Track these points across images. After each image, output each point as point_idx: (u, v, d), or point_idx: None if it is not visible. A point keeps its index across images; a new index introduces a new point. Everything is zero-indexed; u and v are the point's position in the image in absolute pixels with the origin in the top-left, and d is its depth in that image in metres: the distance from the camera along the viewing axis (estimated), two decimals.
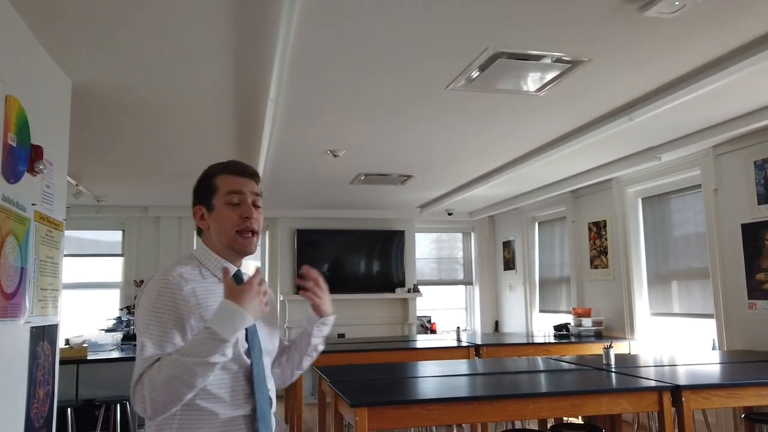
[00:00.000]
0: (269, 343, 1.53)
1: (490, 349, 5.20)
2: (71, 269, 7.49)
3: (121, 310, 7.31)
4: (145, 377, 1.28)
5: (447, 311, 8.68)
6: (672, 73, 3.15)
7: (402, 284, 7.98)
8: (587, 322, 5.99)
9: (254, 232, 1.47)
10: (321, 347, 1.67)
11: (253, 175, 1.52)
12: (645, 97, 3.49)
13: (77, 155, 4.66)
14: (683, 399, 2.78)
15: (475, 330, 8.57)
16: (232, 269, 1.48)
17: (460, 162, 5.17)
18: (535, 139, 4.46)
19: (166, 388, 1.25)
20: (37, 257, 2.47)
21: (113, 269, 7.65)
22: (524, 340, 5.84)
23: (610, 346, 3.62)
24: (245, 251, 1.48)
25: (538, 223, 7.70)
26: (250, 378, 1.40)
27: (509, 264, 8.26)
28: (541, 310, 7.61)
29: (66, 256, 7.33)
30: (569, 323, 6.36)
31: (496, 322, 8.57)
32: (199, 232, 1.53)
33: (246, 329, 1.39)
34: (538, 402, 2.68)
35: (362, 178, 5.71)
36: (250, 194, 1.47)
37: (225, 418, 1.35)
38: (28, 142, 2.37)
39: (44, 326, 2.56)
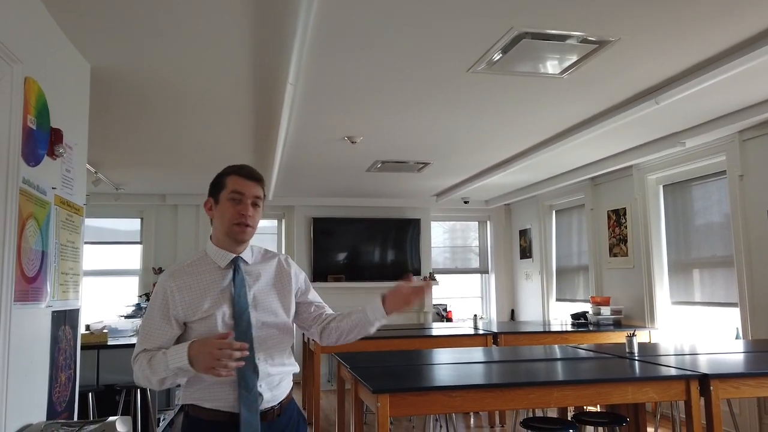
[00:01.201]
0: (273, 316, 1.75)
1: (508, 337, 5.15)
2: (91, 256, 7.56)
3: (140, 296, 7.37)
4: (136, 361, 1.67)
5: (462, 300, 8.65)
6: (701, 54, 3.06)
7: (418, 272, 7.95)
8: (606, 311, 5.92)
9: (248, 225, 1.72)
10: (373, 331, 1.93)
11: (258, 179, 1.77)
12: (672, 79, 3.40)
13: (96, 142, 4.67)
14: (711, 388, 2.71)
15: (491, 318, 8.52)
16: (230, 256, 1.73)
17: (478, 148, 5.11)
18: (557, 124, 4.38)
19: (141, 377, 1.66)
20: (57, 241, 2.47)
21: (132, 257, 7.71)
22: (542, 329, 5.78)
23: (633, 334, 3.55)
24: (239, 239, 1.73)
25: (556, 212, 7.61)
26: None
27: (526, 252, 8.19)
28: (557, 299, 7.54)
29: (86, 243, 7.42)
30: (587, 312, 6.29)
31: (512, 311, 8.51)
32: (212, 222, 1.80)
33: (235, 305, 1.68)
34: (562, 390, 2.63)
35: (379, 165, 5.66)
36: (250, 196, 1.73)
37: (211, 381, 1.64)
38: (48, 125, 2.36)
39: (65, 311, 2.56)
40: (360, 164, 5.64)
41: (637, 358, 3.38)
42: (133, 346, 4.20)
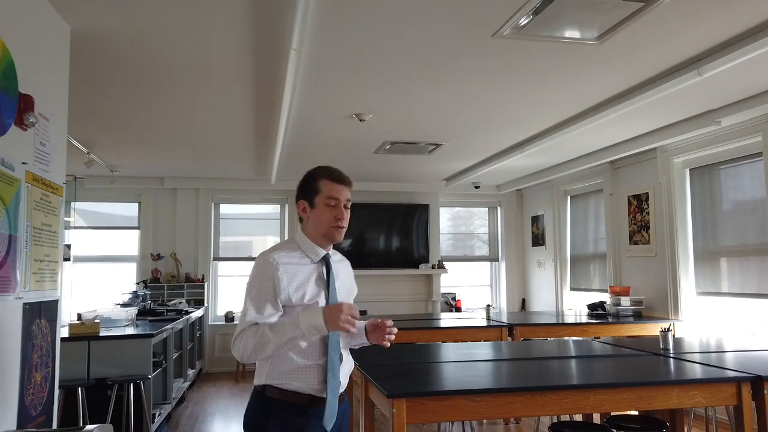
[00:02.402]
0: None
1: (524, 329, 4.86)
2: (86, 242, 7.30)
3: (138, 284, 7.10)
4: (244, 335, 1.75)
5: (471, 288, 8.36)
6: (751, 18, 2.72)
7: (426, 260, 7.66)
8: (626, 302, 5.62)
9: (344, 227, 1.89)
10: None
11: (350, 184, 1.92)
12: (717, 47, 3.06)
13: (85, 119, 4.37)
14: (766, 391, 2.42)
15: (501, 308, 8.24)
16: (321, 253, 1.88)
17: (495, 128, 4.78)
18: (587, 99, 4.02)
19: (253, 350, 1.74)
20: (29, 224, 2.17)
21: (130, 242, 7.43)
22: (558, 320, 5.50)
23: (668, 329, 3.26)
24: (335, 240, 1.90)
25: (571, 197, 7.29)
26: (325, 339, 1.79)
27: (538, 240, 7.88)
28: (572, 288, 7.24)
29: (80, 228, 7.12)
30: (605, 302, 6.00)
31: (523, 300, 8.23)
32: (300, 219, 1.93)
33: (329, 296, 1.83)
34: (599, 394, 2.34)
35: (387, 147, 5.34)
36: (344, 200, 1.88)
37: (302, 364, 1.77)
38: (15, 89, 2.05)
39: (41, 302, 2.27)
40: (368, 145, 5.32)
41: (673, 355, 3.09)
42: (128, 337, 3.80)
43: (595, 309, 5.94)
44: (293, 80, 3.26)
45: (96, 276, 7.28)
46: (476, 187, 7.63)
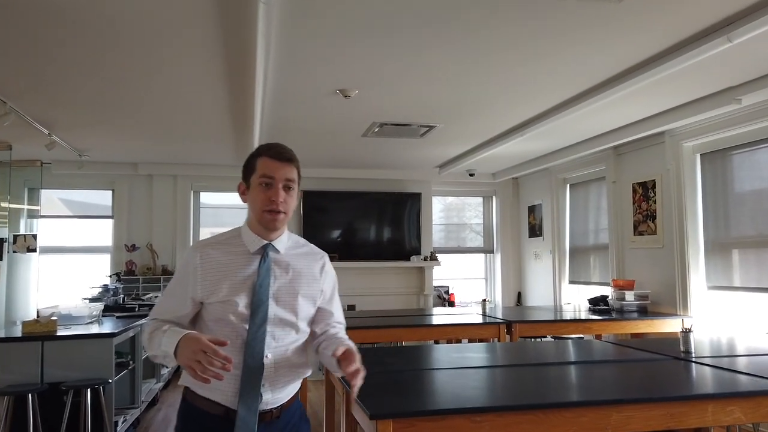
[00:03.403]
0: (292, 314, 1.65)
1: (524, 326, 4.49)
2: (56, 232, 6.85)
3: (110, 276, 6.67)
4: (146, 326, 1.64)
5: (464, 281, 7.98)
6: None
7: (418, 251, 7.27)
8: (630, 296, 5.27)
9: (280, 212, 1.61)
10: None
11: (289, 159, 1.65)
12: (753, 8, 2.67)
13: (38, 93, 3.92)
14: None
15: (496, 302, 7.88)
16: (261, 242, 1.64)
17: (494, 108, 4.38)
18: (599, 71, 3.61)
19: (147, 347, 1.60)
20: None
21: (103, 232, 6.99)
22: (557, 315, 5.14)
23: (689, 329, 2.89)
24: (269, 227, 1.63)
25: (570, 185, 6.92)
26: (244, 344, 1.57)
27: (535, 230, 7.52)
28: (570, 281, 6.89)
29: (49, 217, 6.67)
30: (607, 297, 5.65)
31: (519, 294, 7.88)
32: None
33: (254, 295, 1.59)
34: (623, 411, 1.96)
35: (377, 129, 4.93)
36: (281, 179, 1.62)
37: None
38: None
39: None
40: (355, 127, 4.91)
41: (697, 359, 2.72)
42: (86, 336, 3.40)
43: (597, 304, 5.60)
44: (265, 45, 2.84)
45: (66, 268, 6.84)
46: (471, 175, 7.25)
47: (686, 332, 2.87)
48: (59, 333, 3.89)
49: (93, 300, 5.57)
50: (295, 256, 1.70)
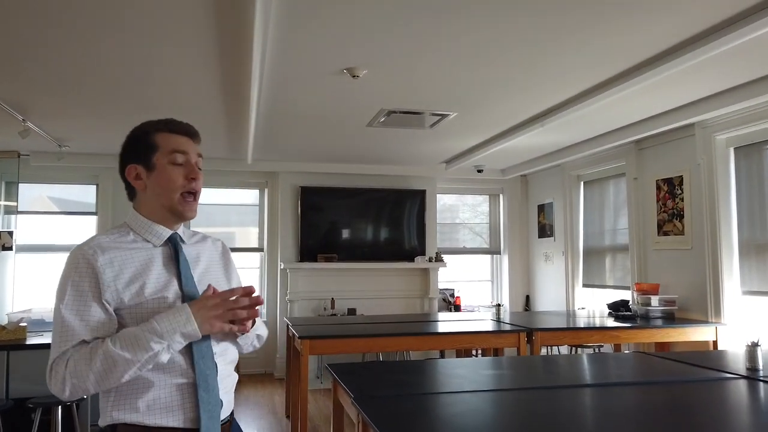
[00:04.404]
0: None
1: (545, 335, 4.09)
2: (34, 229, 6.39)
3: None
4: (66, 360, 1.27)
5: (468, 284, 7.57)
6: None
7: (422, 252, 6.86)
8: (655, 301, 4.88)
9: (196, 196, 1.44)
10: (261, 332, 1.59)
11: (195, 134, 1.47)
12: None
13: (8, 73, 3.48)
14: None
15: (504, 306, 7.48)
16: (165, 233, 1.44)
17: (516, 94, 3.97)
18: (629, 56, 3.24)
19: (97, 379, 1.25)
20: None
21: (86, 230, 6.53)
22: (573, 321, 4.75)
23: (756, 343, 2.49)
24: (186, 215, 1.44)
25: (584, 183, 6.53)
26: (189, 347, 1.34)
27: (545, 230, 7.13)
28: (584, 285, 6.50)
29: (28, 213, 6.19)
30: (627, 301, 5.26)
31: (527, 297, 7.48)
32: (131, 196, 1.49)
33: (183, 289, 1.39)
34: None
35: (383, 118, 4.51)
36: (194, 156, 1.44)
37: (164, 385, 1.32)
38: None
39: None
40: (361, 115, 4.49)
41: (764, 378, 2.32)
42: None
43: (617, 309, 5.20)
44: (264, 17, 2.42)
45: (47, 268, 6.38)
46: (479, 171, 6.84)
47: (753, 346, 2.47)
48: (29, 341, 3.46)
49: None
50: (197, 243, 1.53)
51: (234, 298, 1.35)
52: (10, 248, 5.51)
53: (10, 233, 5.54)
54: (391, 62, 3.29)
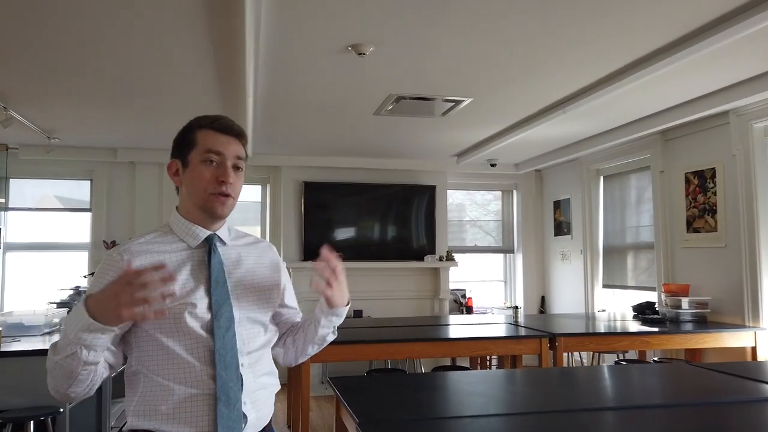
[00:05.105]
0: (259, 312, 1.42)
1: (569, 341, 3.74)
2: (25, 227, 6.09)
3: (86, 276, 5.91)
4: (49, 359, 1.25)
5: (480, 284, 7.20)
6: None
7: (432, 251, 6.51)
8: (685, 303, 4.51)
9: (229, 195, 1.38)
10: (331, 337, 1.55)
11: (238, 135, 1.42)
12: None
13: None
14: None
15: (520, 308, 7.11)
16: (203, 233, 1.39)
17: (538, 78, 3.62)
18: (664, 33, 2.90)
19: (50, 382, 1.25)
20: None
21: (80, 227, 6.23)
22: (591, 324, 4.41)
23: None
24: (215, 213, 1.38)
25: (604, 177, 6.17)
26: (211, 354, 1.29)
27: (562, 228, 6.76)
28: (604, 285, 6.14)
29: (18, 209, 5.89)
30: (654, 303, 4.91)
31: (543, 298, 7.12)
32: (178, 190, 1.47)
33: (212, 295, 1.33)
34: None
35: (392, 105, 4.17)
36: (231, 157, 1.38)
37: (183, 395, 1.28)
38: None
39: None
40: (367, 101, 4.15)
41: None
42: (38, 352, 2.91)
43: (643, 312, 4.85)
44: None
45: (39, 267, 6.08)
46: (492, 165, 6.50)
47: None
48: (3, 348, 3.15)
49: (61, 304, 4.82)
50: (243, 246, 1.47)
51: (140, 279, 1.16)
52: None
53: None
54: (401, 38, 2.95)
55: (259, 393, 1.37)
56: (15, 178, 5.89)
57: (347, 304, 1.50)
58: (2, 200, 5.73)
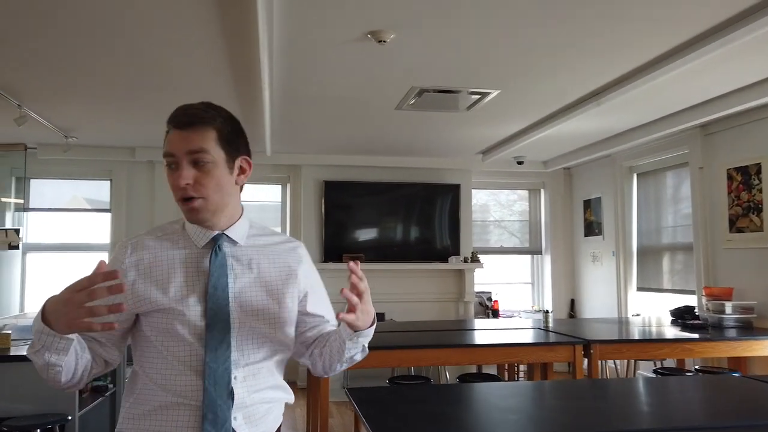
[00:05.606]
0: (264, 321, 1.28)
1: (605, 348, 3.50)
2: (45, 228, 6.05)
3: None
4: None
5: (505, 286, 6.94)
6: None
7: (455, 252, 6.30)
8: (728, 308, 4.22)
9: (193, 198, 1.23)
10: (360, 357, 1.37)
11: (190, 123, 1.24)
12: None
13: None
14: None
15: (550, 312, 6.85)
16: (209, 234, 1.29)
17: (573, 65, 3.38)
18: (706, 17, 2.65)
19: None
20: None
21: (100, 228, 6.17)
22: (626, 330, 4.14)
23: None
24: (189, 220, 1.28)
25: (638, 175, 5.89)
26: (203, 365, 1.20)
27: (592, 228, 6.49)
28: (638, 288, 5.85)
29: (38, 210, 5.84)
30: (694, 308, 4.62)
31: (572, 301, 6.84)
32: None
33: (209, 299, 1.23)
34: None
35: (412, 100, 3.98)
36: (184, 154, 1.23)
37: (167, 403, 1.22)
38: None
39: None
40: (388, 95, 3.96)
41: None
42: None
43: (682, 317, 4.56)
44: None
45: (58, 269, 6.03)
46: (519, 163, 6.25)
47: None
48: (12, 352, 3.04)
49: None
50: (261, 247, 1.33)
51: (89, 288, 1.05)
52: (17, 247, 5.16)
53: (17, 231, 5.19)
54: (424, 23, 2.76)
55: (257, 407, 1.26)
56: (34, 178, 5.85)
57: (372, 324, 1.31)
58: (22, 201, 5.69)
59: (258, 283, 1.29)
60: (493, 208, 7.15)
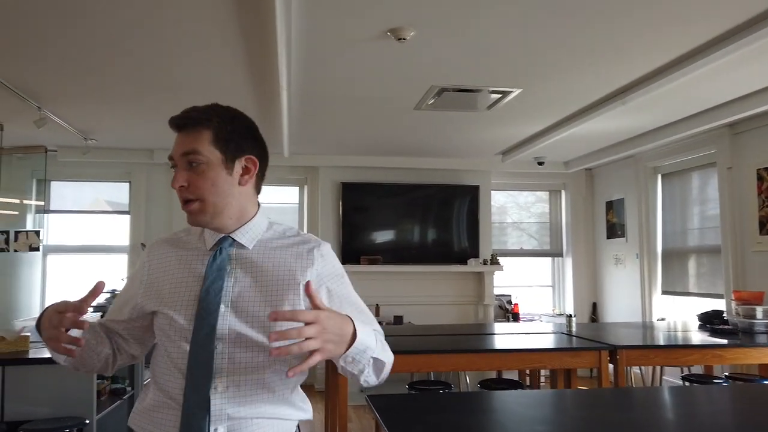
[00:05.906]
0: (253, 329, 1.20)
1: (632, 354, 3.38)
2: (66, 229, 6.09)
3: (124, 279, 5.87)
4: None
5: (525, 289, 6.84)
6: None
7: (474, 254, 6.20)
8: (760, 313, 4.08)
9: (189, 201, 1.23)
10: (373, 379, 1.23)
11: (184, 125, 1.23)
12: None
13: (19, 54, 3.06)
14: None
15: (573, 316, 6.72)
16: (214, 237, 1.27)
17: (597, 62, 3.29)
18: (738, 10, 2.55)
19: None
20: None
21: (119, 230, 6.19)
22: (649, 335, 4.01)
23: None
24: (190, 222, 1.26)
25: (662, 175, 5.75)
26: (184, 361, 1.20)
27: (615, 230, 6.35)
28: (663, 292, 5.71)
29: (57, 212, 5.88)
30: (722, 312, 4.47)
31: (594, 305, 6.71)
32: None
33: (201, 302, 1.20)
34: None
35: (432, 100, 3.91)
36: (180, 157, 1.23)
37: (158, 401, 1.22)
38: None
39: None
40: (407, 95, 3.90)
41: None
42: None
43: (710, 321, 4.41)
44: None
45: (78, 270, 6.07)
46: (540, 164, 6.15)
47: None
48: (31, 355, 3.03)
49: (98, 308, 4.74)
50: (270, 250, 1.27)
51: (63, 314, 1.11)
52: (37, 249, 5.19)
53: (38, 233, 5.22)
54: (444, 20, 2.69)
55: (246, 422, 1.19)
56: (55, 180, 5.90)
57: (353, 343, 1.13)
58: (42, 203, 5.73)
59: (257, 288, 1.23)
60: (511, 209, 7.05)
